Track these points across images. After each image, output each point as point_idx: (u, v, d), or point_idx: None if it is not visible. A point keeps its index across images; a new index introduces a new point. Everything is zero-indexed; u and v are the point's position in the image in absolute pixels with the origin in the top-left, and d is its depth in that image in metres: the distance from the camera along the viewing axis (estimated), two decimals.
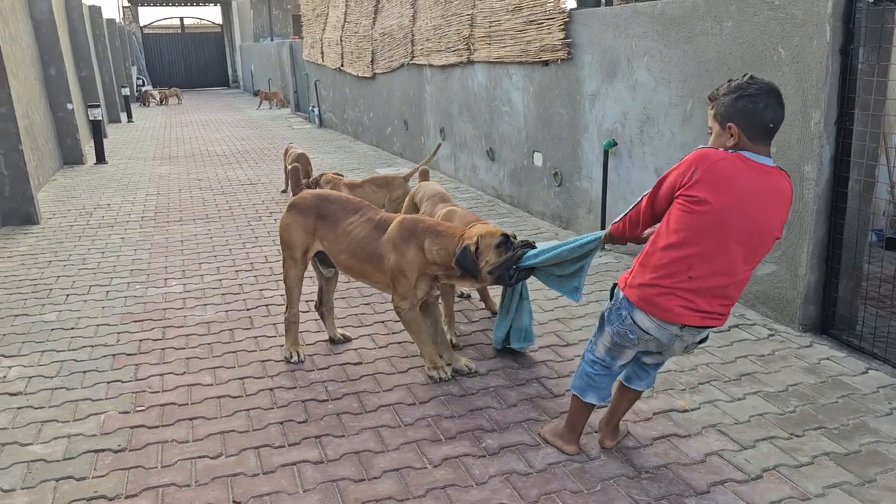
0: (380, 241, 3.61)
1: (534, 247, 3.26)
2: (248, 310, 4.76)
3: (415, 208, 4.64)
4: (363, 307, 4.77)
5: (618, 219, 2.72)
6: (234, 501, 2.75)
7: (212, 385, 3.71)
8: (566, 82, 6.30)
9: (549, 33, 6.41)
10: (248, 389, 3.65)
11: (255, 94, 22.96)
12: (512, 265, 3.26)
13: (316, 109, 16.11)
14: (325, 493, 2.79)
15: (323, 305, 4.20)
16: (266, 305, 4.83)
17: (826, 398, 3.42)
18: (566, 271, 3.15)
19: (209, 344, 4.23)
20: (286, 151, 8.56)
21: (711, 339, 4.09)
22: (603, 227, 5.92)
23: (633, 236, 2.70)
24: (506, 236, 3.30)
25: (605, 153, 5.73)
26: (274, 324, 4.50)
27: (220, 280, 5.39)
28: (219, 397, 3.57)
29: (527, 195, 7.27)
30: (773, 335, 4.13)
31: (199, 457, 3.05)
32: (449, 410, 3.40)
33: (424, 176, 5.23)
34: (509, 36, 7.15)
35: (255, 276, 5.45)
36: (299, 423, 3.32)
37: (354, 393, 3.60)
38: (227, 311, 4.74)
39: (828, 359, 3.83)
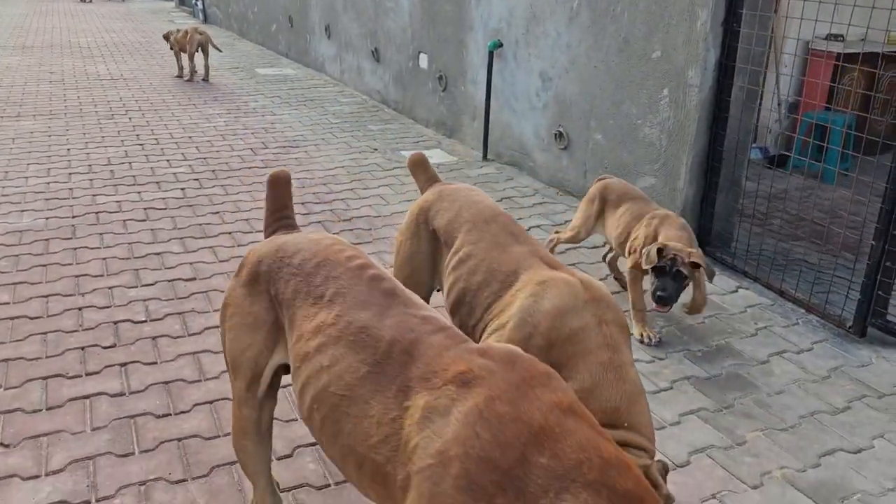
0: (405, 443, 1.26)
1: None
2: (72, 217, 4.14)
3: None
4: (210, 216, 4.23)
5: None
6: (2, 444, 2.29)
7: (8, 304, 3.15)
8: None
9: None
10: (52, 310, 3.12)
11: None
12: None
13: (200, 3, 14.72)
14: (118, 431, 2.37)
15: None
16: (96, 213, 4.21)
17: (693, 318, 3.24)
18: None
19: (16, 256, 3.62)
20: (186, 33, 8.23)
21: (589, 269, 3.84)
22: (486, 138, 5.51)
23: None
24: None
25: (490, 55, 5.28)
26: (100, 234, 3.92)
27: (47, 183, 4.69)
28: (13, 318, 3.03)
29: (412, 100, 6.76)
30: None
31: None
32: None
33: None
34: None
35: (91, 181, 4.77)
36: (105, 348, 2.85)
37: (179, 313, 3.14)
38: (46, 219, 4.10)
39: None
